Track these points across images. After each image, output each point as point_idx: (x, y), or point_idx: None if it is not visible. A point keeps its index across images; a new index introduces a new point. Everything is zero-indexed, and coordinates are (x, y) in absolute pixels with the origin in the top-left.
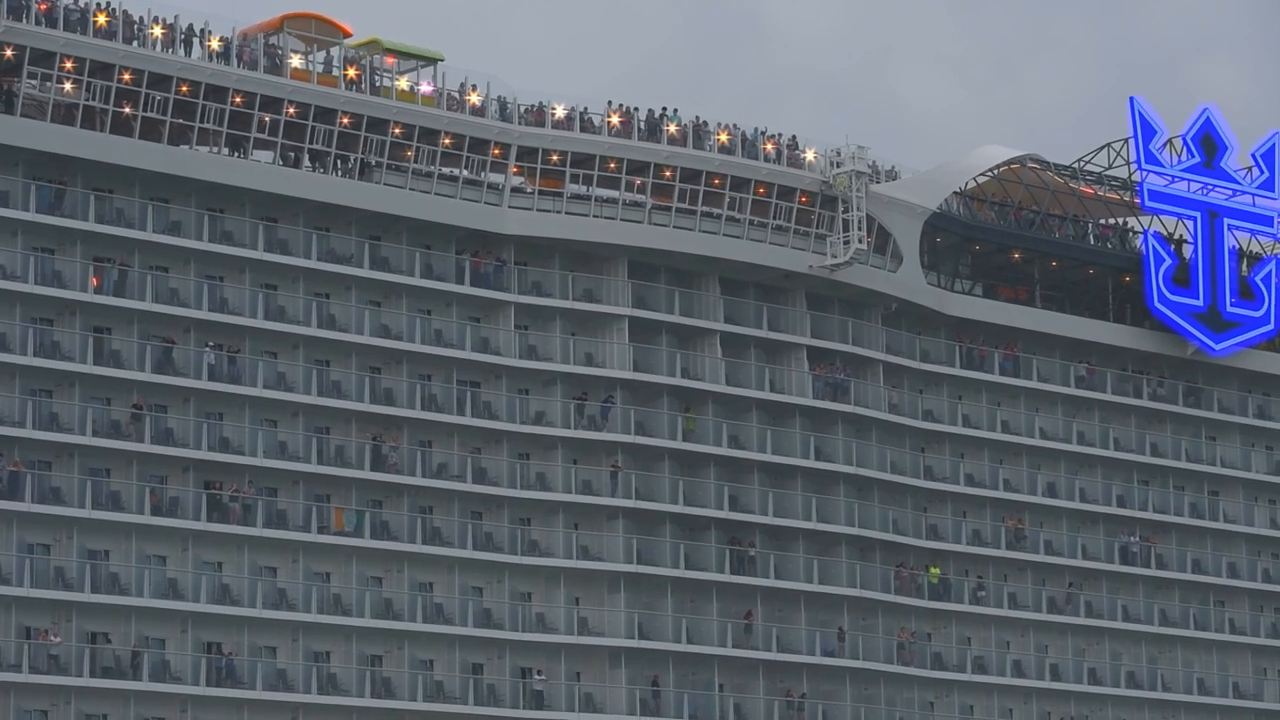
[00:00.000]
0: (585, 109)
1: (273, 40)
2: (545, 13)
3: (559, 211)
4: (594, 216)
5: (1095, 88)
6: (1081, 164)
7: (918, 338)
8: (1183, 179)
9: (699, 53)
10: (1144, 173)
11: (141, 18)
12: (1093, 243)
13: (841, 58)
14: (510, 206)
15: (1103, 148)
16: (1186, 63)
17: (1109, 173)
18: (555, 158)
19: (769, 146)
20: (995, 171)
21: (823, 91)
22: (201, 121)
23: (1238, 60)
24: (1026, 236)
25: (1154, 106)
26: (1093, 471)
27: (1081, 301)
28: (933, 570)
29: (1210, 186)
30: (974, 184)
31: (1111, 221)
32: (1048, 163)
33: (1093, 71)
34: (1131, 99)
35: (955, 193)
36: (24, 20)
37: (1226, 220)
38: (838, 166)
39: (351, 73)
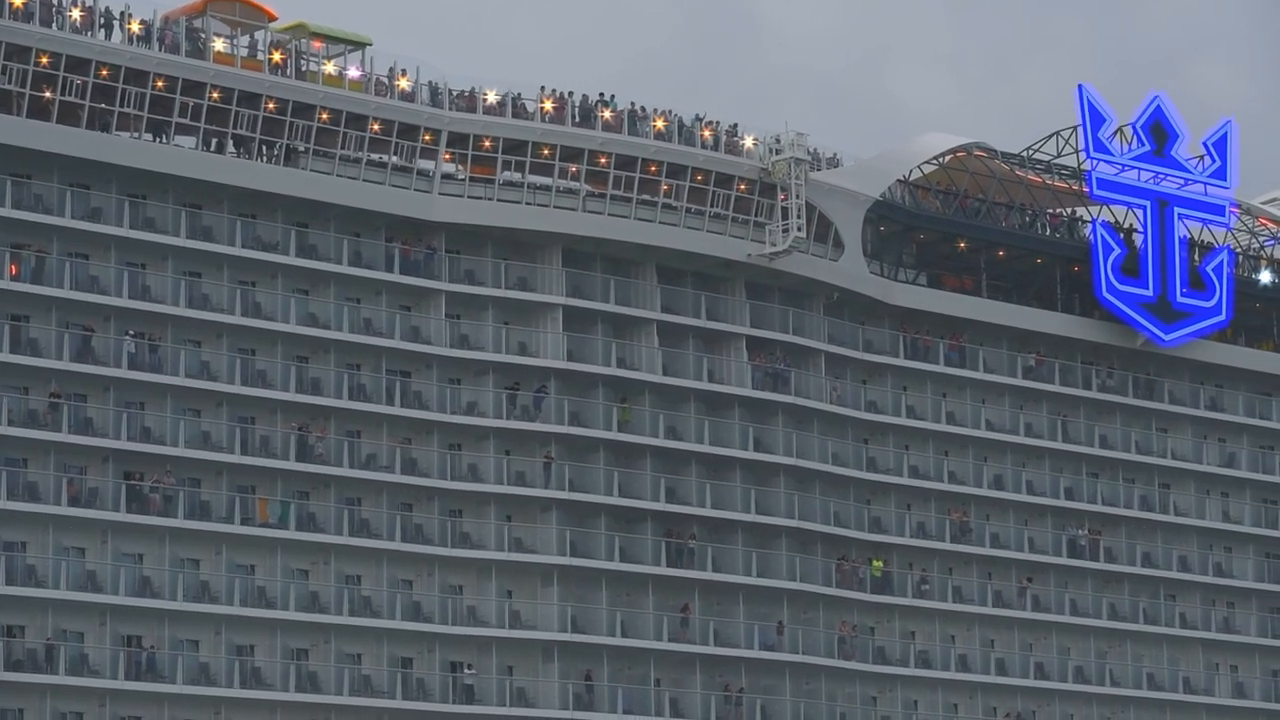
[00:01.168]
0: (519, 94)
1: (195, 23)
2: (541, 12)
3: (491, 199)
4: (527, 204)
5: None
6: (1030, 153)
7: (861, 327)
8: (1132, 167)
9: (696, 52)
10: (1092, 161)
11: None
12: (1040, 232)
13: (838, 57)
14: (441, 193)
15: (1051, 136)
16: (1184, 62)
17: (1057, 161)
18: (487, 144)
19: (706, 133)
20: (941, 160)
21: (820, 91)
22: (122, 106)
23: (1235, 60)
24: (971, 225)
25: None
26: (1041, 464)
27: (1029, 291)
28: (875, 563)
29: (1161, 175)
30: (920, 173)
31: (1060, 211)
32: (995, 151)
33: (1090, 71)
34: (1080, 86)
35: (900, 181)
36: None
37: (1177, 209)
38: (777, 154)
39: (277, 57)
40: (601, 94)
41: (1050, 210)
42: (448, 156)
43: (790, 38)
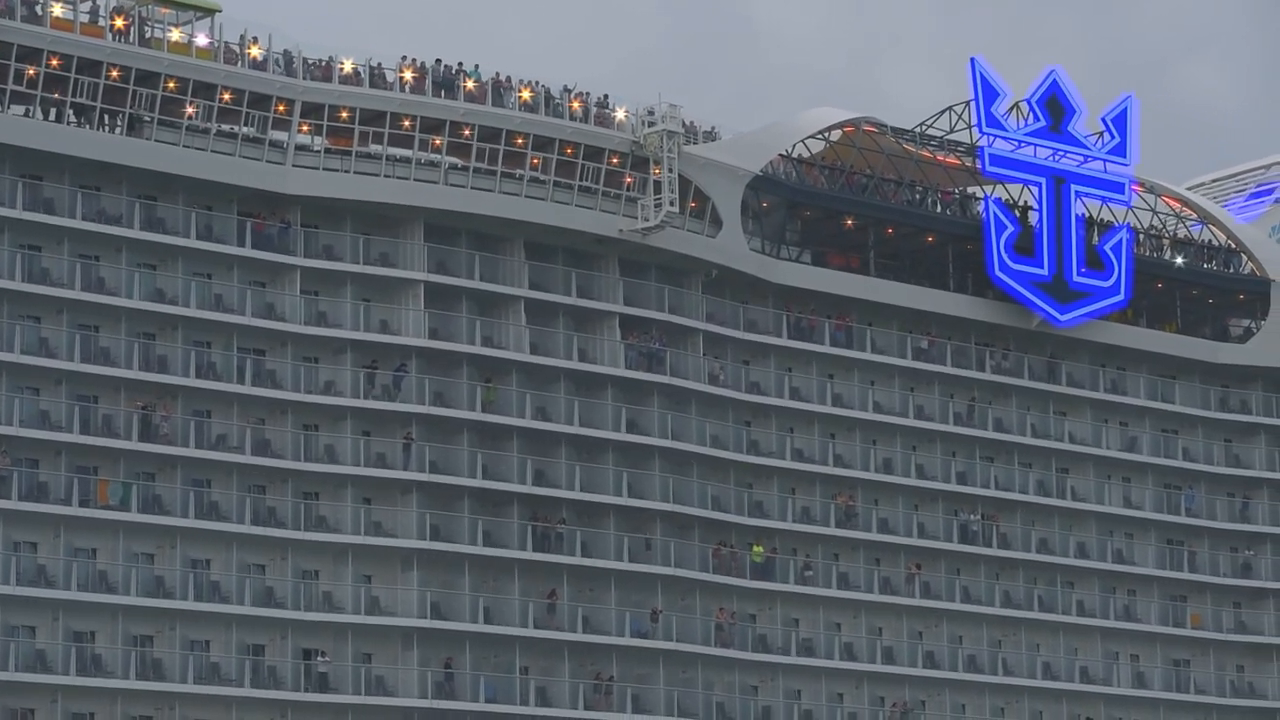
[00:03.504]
0: (378, 64)
1: None
2: (532, 12)
3: (347, 171)
4: (386, 176)
5: (1085, 88)
6: (923, 128)
7: (742, 306)
8: (1028, 143)
9: (689, 52)
10: (985, 136)
11: None
12: (931, 209)
13: (831, 58)
14: (295, 165)
15: (944, 111)
16: (1177, 63)
17: (951, 137)
18: (344, 114)
19: (575, 105)
20: (826, 135)
21: (815, 91)
22: None
23: (1228, 61)
24: (858, 201)
25: (1144, 107)
26: (932, 447)
27: (920, 270)
28: (756, 549)
29: (1061, 152)
30: (806, 148)
31: (953, 188)
32: (885, 126)
33: (1083, 72)
34: (972, 59)
35: (783, 155)
36: None
37: (1074, 186)
38: (649, 126)
39: (119, 23)
40: (460, 63)
41: (942, 188)
42: (305, 128)
43: (783, 38)
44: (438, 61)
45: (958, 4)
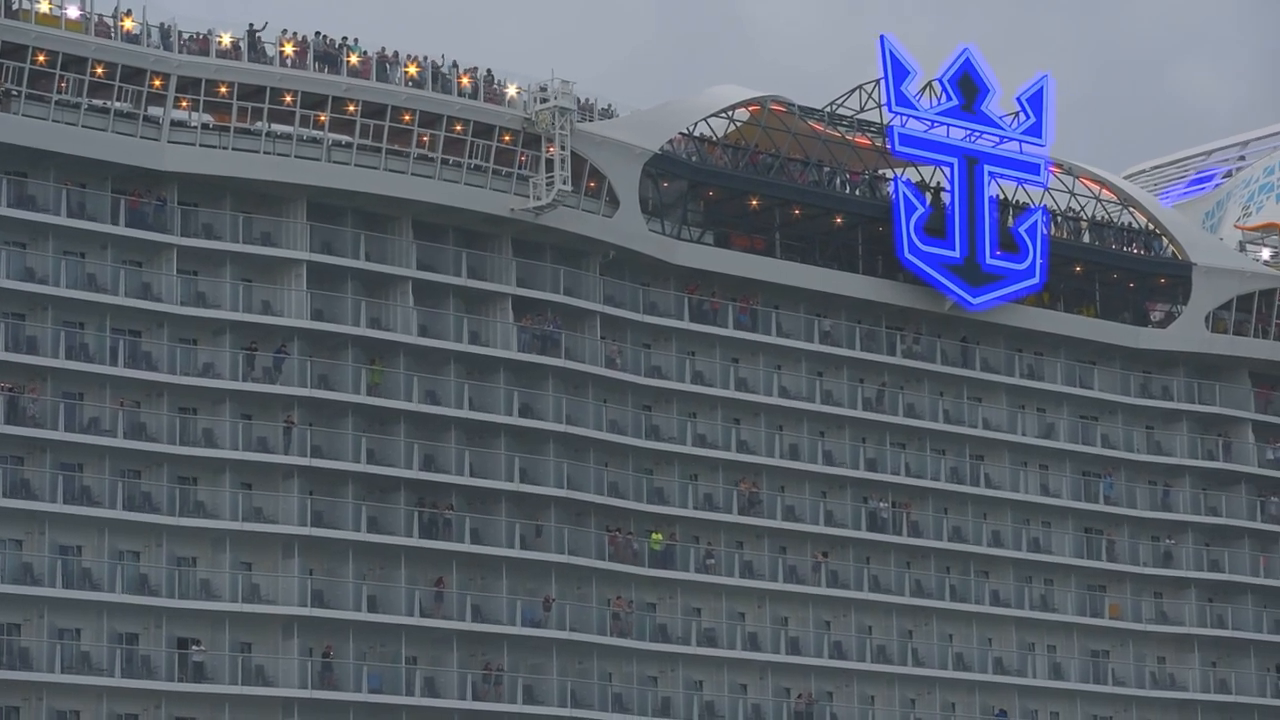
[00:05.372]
0: (256, 30)
1: None
2: (525, 13)
3: (226, 147)
4: (266, 153)
5: (1078, 89)
6: (833, 108)
7: (642, 289)
8: (941, 123)
9: (681, 53)
10: (895, 116)
11: None
12: (839, 190)
13: (826, 58)
14: (171, 141)
15: (854, 90)
16: (1169, 63)
17: (861, 117)
18: (223, 89)
19: (464, 80)
20: (729, 114)
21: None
22: None
23: (1220, 61)
24: (762, 181)
25: (1136, 107)
26: (840, 433)
27: (828, 252)
28: (655, 536)
29: (976, 133)
30: (708, 128)
31: (863, 169)
32: (794, 105)
33: (1075, 72)
34: (882, 37)
35: (684, 134)
36: None
37: (987, 167)
38: (541, 103)
39: None
40: (345, 37)
41: (851, 169)
42: (183, 104)
43: (778, 38)
44: (318, 34)
45: (953, 4)
